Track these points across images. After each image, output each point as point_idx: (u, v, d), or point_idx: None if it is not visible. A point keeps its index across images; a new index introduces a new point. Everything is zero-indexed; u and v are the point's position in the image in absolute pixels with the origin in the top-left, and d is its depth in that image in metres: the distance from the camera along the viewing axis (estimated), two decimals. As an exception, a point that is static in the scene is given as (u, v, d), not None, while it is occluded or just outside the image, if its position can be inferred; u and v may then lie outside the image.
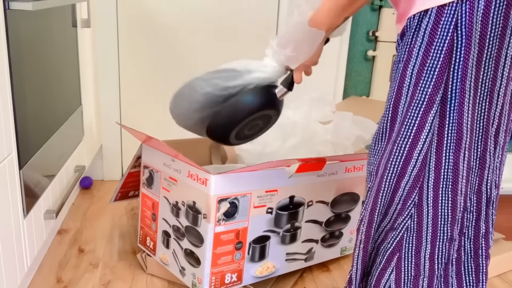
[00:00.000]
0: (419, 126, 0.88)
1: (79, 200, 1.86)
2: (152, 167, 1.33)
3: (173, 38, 1.95)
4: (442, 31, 0.84)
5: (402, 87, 0.89)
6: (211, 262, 1.18)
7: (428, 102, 0.87)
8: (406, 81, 0.88)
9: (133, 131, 1.26)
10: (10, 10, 1.03)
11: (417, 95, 0.87)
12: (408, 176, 0.91)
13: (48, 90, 1.32)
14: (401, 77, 0.89)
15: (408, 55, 0.88)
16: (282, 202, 1.26)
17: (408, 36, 0.89)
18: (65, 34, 1.47)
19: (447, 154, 0.91)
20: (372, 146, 0.98)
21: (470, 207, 0.96)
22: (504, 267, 1.50)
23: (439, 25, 0.84)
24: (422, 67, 0.86)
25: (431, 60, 0.85)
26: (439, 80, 0.86)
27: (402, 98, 0.90)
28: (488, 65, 0.89)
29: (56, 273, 1.38)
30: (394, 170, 0.91)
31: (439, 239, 0.95)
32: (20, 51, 1.10)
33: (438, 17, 0.84)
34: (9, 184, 1.05)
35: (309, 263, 1.40)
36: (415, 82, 0.87)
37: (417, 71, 0.87)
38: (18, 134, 1.09)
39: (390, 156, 0.91)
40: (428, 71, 0.86)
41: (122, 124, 1.79)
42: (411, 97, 0.88)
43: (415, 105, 0.88)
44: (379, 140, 0.96)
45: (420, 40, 0.86)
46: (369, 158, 0.99)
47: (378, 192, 0.94)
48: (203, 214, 1.16)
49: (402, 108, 0.90)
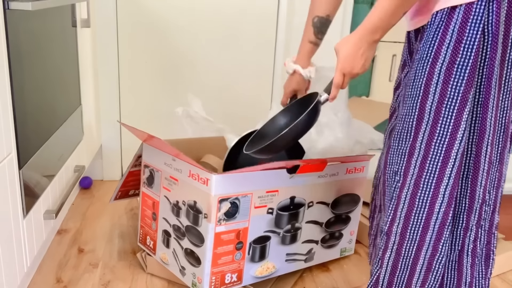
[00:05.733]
0: (455, 124, 0.87)
1: (78, 200, 1.85)
2: (153, 166, 1.33)
3: (173, 38, 1.95)
4: (472, 29, 0.83)
5: (430, 85, 0.88)
6: (211, 262, 1.18)
7: (461, 100, 0.86)
8: (434, 79, 0.87)
9: (134, 129, 1.26)
10: (10, 10, 1.03)
11: (449, 93, 0.86)
12: (448, 176, 0.90)
13: (47, 90, 1.31)
14: (428, 75, 0.88)
15: (436, 53, 0.86)
16: (283, 203, 1.25)
17: (431, 32, 0.88)
18: (65, 34, 1.46)
19: (469, 147, 0.91)
20: (394, 146, 0.96)
21: (489, 200, 0.97)
22: (504, 267, 1.50)
23: (468, 22, 0.83)
24: (451, 65, 0.85)
25: (461, 58, 0.85)
26: (471, 78, 0.85)
27: (429, 96, 0.89)
28: (510, 65, 0.89)
29: (56, 273, 1.38)
30: (433, 169, 0.90)
31: (455, 226, 0.95)
32: (19, 51, 1.10)
33: (467, 15, 0.83)
34: (8, 184, 1.04)
35: (309, 263, 1.40)
36: (445, 80, 0.86)
37: (445, 69, 0.86)
38: (17, 134, 1.09)
39: (427, 155, 0.90)
40: (459, 69, 0.85)
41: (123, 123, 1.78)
42: (441, 96, 0.87)
43: (448, 103, 0.87)
44: (402, 140, 0.94)
45: (449, 37, 0.85)
46: (391, 158, 0.97)
47: (416, 193, 0.93)
48: (204, 213, 1.16)
49: (429, 107, 0.89)
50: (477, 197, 0.94)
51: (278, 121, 1.22)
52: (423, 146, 0.91)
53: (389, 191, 0.98)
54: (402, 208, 0.95)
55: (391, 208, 0.97)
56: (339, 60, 0.96)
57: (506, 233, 1.59)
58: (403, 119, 0.94)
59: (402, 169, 0.95)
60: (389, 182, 0.98)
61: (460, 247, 0.98)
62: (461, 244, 0.98)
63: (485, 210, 0.96)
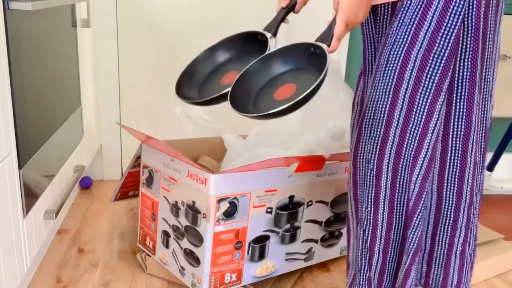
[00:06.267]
0: (428, 114, 0.86)
1: (78, 200, 1.86)
2: (152, 167, 1.33)
3: (173, 38, 1.95)
4: (452, 18, 0.82)
5: (405, 71, 0.86)
6: (210, 262, 1.18)
7: (435, 90, 0.85)
8: (409, 65, 0.85)
9: (133, 131, 1.26)
10: (10, 10, 1.03)
11: (423, 81, 0.85)
12: (420, 166, 0.89)
13: (47, 90, 1.32)
14: (403, 61, 0.86)
15: (413, 38, 0.84)
16: (282, 202, 1.26)
17: (407, 16, 0.85)
18: (65, 34, 1.47)
19: (455, 143, 0.90)
20: (366, 134, 0.94)
21: (475, 203, 0.96)
22: (504, 267, 1.50)
23: (448, 11, 0.82)
24: (428, 53, 0.84)
25: (438, 47, 0.83)
26: (446, 68, 0.84)
27: (403, 83, 0.87)
28: (489, 63, 0.88)
29: (56, 273, 1.38)
30: (408, 158, 0.89)
31: (442, 220, 0.95)
32: (19, 51, 1.10)
33: (447, 3, 0.82)
34: (8, 184, 1.05)
35: (309, 263, 1.40)
36: (420, 68, 0.84)
37: (422, 56, 0.84)
38: (17, 134, 1.09)
39: (402, 143, 0.89)
40: (435, 58, 0.83)
41: (122, 124, 1.79)
42: (416, 83, 0.85)
43: (423, 92, 0.85)
44: (374, 127, 0.92)
45: (427, 23, 0.83)
46: (362, 146, 0.94)
47: (395, 182, 0.92)
48: (203, 213, 1.16)
49: (403, 93, 0.87)
50: (464, 196, 0.93)
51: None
52: (398, 133, 0.89)
53: (362, 180, 0.97)
54: (384, 196, 0.94)
55: (370, 197, 0.96)
56: (343, 7, 0.86)
57: (506, 233, 1.59)
58: (374, 105, 0.91)
59: (375, 157, 0.93)
60: (362, 172, 0.96)
61: (449, 246, 0.97)
62: (449, 243, 0.97)
63: (473, 214, 0.95)
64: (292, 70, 0.97)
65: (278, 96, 0.94)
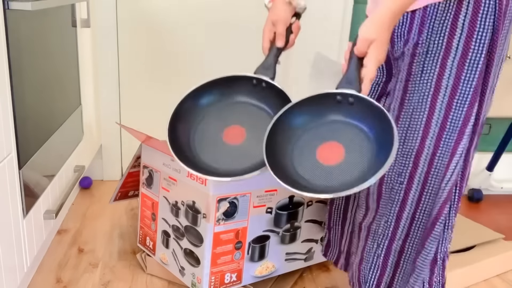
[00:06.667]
0: (465, 119, 0.86)
1: (78, 200, 1.86)
2: (152, 167, 1.33)
3: (173, 38, 1.95)
4: (483, 22, 0.82)
5: (441, 80, 0.86)
6: (210, 262, 1.18)
7: (473, 94, 0.85)
8: (445, 73, 0.85)
9: (133, 131, 1.26)
10: (10, 10, 1.03)
11: (460, 88, 0.84)
12: (451, 172, 0.88)
13: (47, 90, 1.32)
14: (440, 70, 0.85)
15: (447, 46, 0.84)
16: (282, 202, 1.26)
17: (437, 23, 0.84)
18: (65, 34, 1.47)
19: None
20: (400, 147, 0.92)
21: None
22: (504, 267, 1.50)
23: (478, 16, 0.82)
24: (463, 60, 0.84)
25: (473, 53, 0.83)
26: (482, 72, 0.84)
27: (440, 92, 0.86)
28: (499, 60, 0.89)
29: (56, 273, 1.38)
30: (440, 167, 0.89)
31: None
32: (19, 51, 1.10)
33: (476, 8, 0.81)
34: (8, 184, 1.05)
35: (309, 263, 1.40)
36: (456, 75, 0.84)
37: (457, 64, 0.84)
38: (17, 134, 1.09)
39: (435, 153, 0.88)
40: (471, 64, 0.83)
41: (122, 124, 1.79)
42: (453, 90, 0.85)
43: (460, 98, 0.85)
44: (409, 139, 0.90)
45: (459, 31, 0.83)
46: (397, 159, 0.92)
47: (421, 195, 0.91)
48: (203, 213, 1.16)
49: (440, 102, 0.86)
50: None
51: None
52: (432, 143, 0.88)
53: (389, 193, 0.95)
54: (408, 211, 0.93)
55: (393, 211, 0.95)
56: (378, 49, 0.80)
57: (506, 233, 1.59)
58: (409, 117, 0.90)
59: (408, 170, 0.91)
60: (390, 185, 0.95)
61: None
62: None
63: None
64: (323, 123, 0.84)
65: (325, 159, 0.81)
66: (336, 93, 0.82)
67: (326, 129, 0.83)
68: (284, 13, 0.99)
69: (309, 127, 0.84)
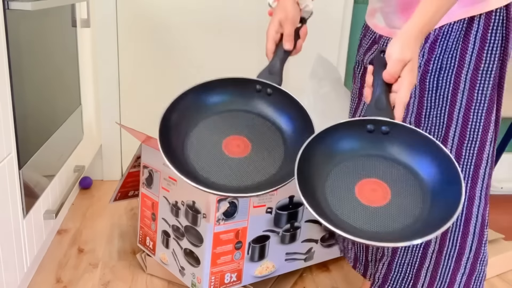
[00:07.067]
0: (485, 126, 0.89)
1: (78, 200, 1.86)
2: (152, 167, 1.33)
3: (173, 38, 1.95)
4: (493, 34, 0.85)
5: (457, 95, 0.88)
6: (210, 262, 1.18)
7: (489, 102, 0.87)
8: (460, 87, 0.88)
9: (133, 131, 1.26)
10: (10, 10, 1.03)
11: (475, 97, 0.87)
12: (482, 178, 0.90)
13: (47, 90, 1.32)
14: (454, 85, 0.88)
15: (460, 62, 0.87)
16: (282, 202, 1.26)
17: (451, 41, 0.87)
18: (65, 34, 1.47)
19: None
20: None
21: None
22: (504, 267, 1.50)
23: (489, 29, 0.85)
24: (476, 71, 0.87)
25: (485, 64, 0.86)
26: (495, 80, 0.87)
27: (456, 105, 0.89)
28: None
29: (56, 273, 1.38)
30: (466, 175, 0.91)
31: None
32: (19, 51, 1.10)
33: (487, 22, 0.84)
34: (8, 184, 1.05)
35: (309, 263, 1.40)
36: (471, 87, 0.87)
37: (470, 76, 0.87)
38: (17, 134, 1.09)
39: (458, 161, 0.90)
40: (484, 74, 0.86)
41: (122, 124, 1.79)
42: (468, 101, 0.88)
43: (476, 107, 0.88)
44: None
45: (471, 46, 0.86)
46: None
47: None
48: (203, 213, 1.16)
49: (457, 114, 0.89)
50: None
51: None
52: (453, 152, 0.91)
53: None
54: None
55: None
56: (412, 70, 0.73)
57: (506, 233, 1.59)
58: (429, 131, 0.92)
59: None
60: None
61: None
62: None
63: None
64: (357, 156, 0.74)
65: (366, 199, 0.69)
66: (371, 120, 0.72)
67: (362, 162, 0.73)
68: (293, 12, 0.89)
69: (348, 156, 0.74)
